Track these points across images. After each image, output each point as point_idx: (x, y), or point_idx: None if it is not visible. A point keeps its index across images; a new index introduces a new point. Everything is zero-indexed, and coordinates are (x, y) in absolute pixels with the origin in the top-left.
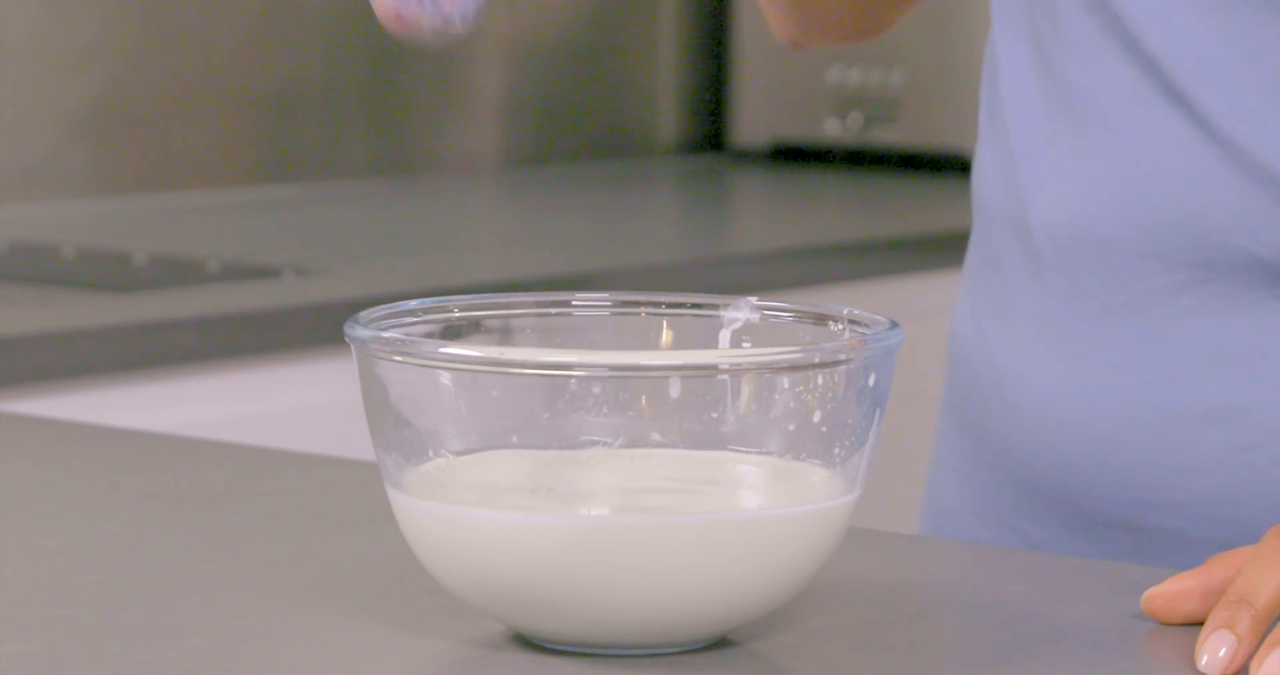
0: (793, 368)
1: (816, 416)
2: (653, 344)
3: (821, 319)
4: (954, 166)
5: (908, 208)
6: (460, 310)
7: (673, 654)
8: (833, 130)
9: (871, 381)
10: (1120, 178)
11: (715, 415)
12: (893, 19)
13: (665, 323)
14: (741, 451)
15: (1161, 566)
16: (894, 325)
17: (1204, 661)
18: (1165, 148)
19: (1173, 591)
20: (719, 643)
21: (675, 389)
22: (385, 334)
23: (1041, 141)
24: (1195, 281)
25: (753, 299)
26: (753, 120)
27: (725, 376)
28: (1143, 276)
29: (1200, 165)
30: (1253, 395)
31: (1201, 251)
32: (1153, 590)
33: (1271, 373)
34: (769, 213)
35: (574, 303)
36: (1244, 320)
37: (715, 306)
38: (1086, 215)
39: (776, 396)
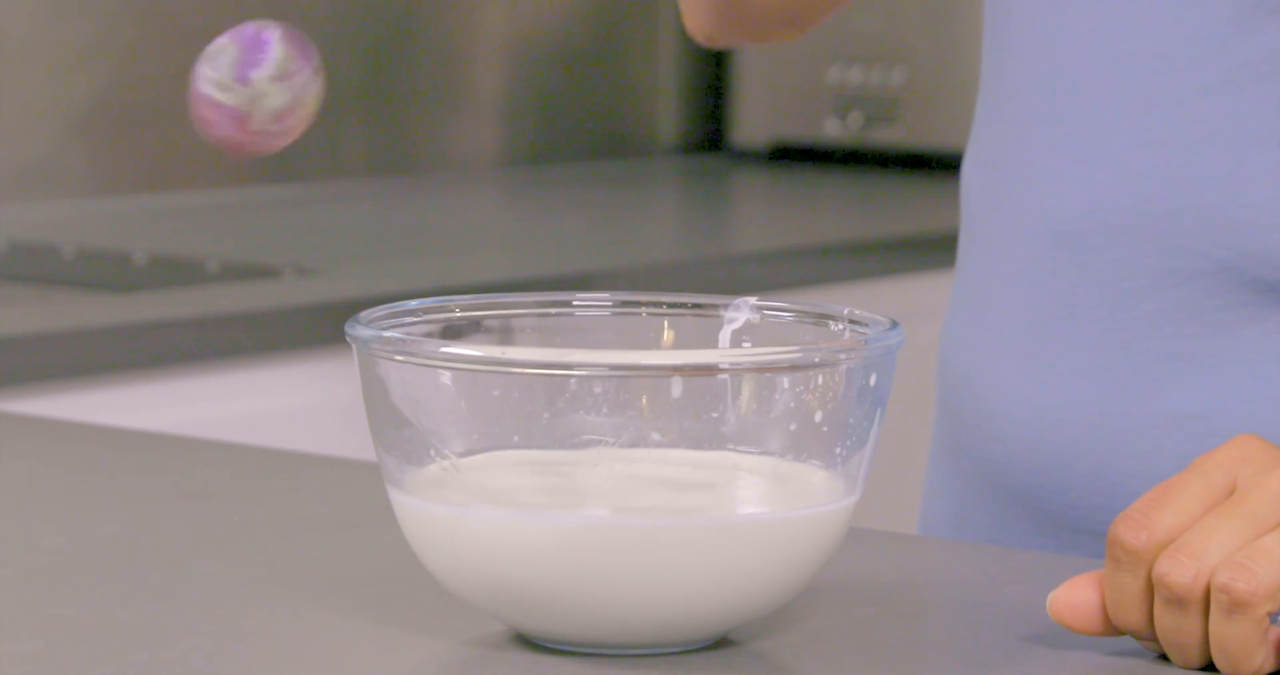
0: (793, 367)
1: (817, 416)
2: (653, 344)
3: (822, 318)
4: (954, 166)
5: (908, 208)
6: (461, 310)
7: (673, 654)
8: (833, 130)
9: (872, 381)
10: (1087, 180)
11: (716, 415)
12: (818, 18)
13: (666, 323)
14: (742, 451)
15: None
16: (894, 325)
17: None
18: (1134, 149)
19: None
20: (719, 643)
21: (676, 389)
22: (386, 334)
23: (1013, 145)
24: (1158, 286)
25: (752, 299)
26: (753, 120)
27: (725, 376)
28: (1107, 280)
29: (1169, 168)
30: (1213, 403)
31: (1166, 255)
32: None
33: (1231, 381)
34: (769, 213)
35: (575, 303)
36: (1205, 328)
37: (715, 306)
38: (1053, 218)
39: (777, 396)
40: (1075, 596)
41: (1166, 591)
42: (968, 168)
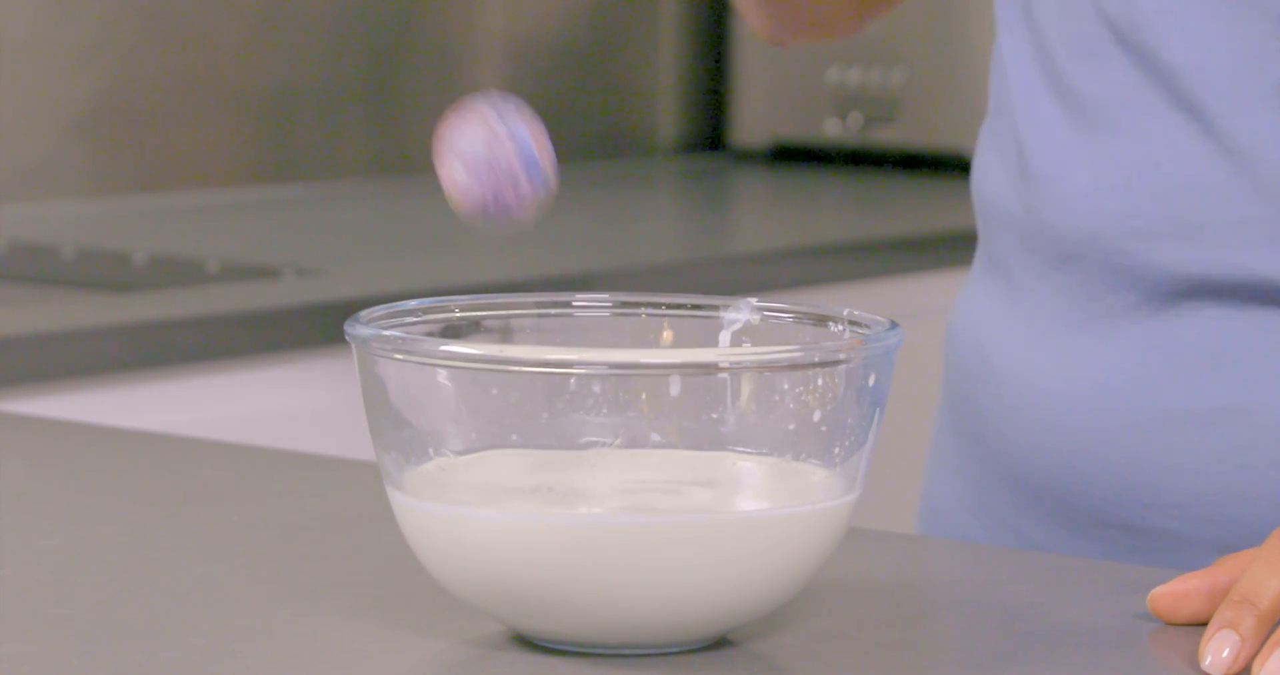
0: (793, 367)
1: (817, 416)
2: (653, 345)
3: (821, 319)
4: (954, 166)
5: (908, 208)
6: (460, 310)
7: (673, 654)
8: (833, 130)
9: (871, 381)
10: (1127, 187)
11: (715, 415)
12: (874, 16)
13: (665, 323)
14: (741, 451)
15: (1157, 567)
16: (894, 325)
17: (1208, 661)
18: (1174, 159)
19: (1178, 591)
20: (719, 643)
21: (675, 388)
22: (386, 333)
23: (1050, 146)
24: (1195, 290)
25: (753, 300)
26: (753, 120)
27: (725, 376)
28: (1143, 282)
29: (1208, 179)
30: (1249, 397)
31: (1202, 264)
32: (1159, 589)
33: (1268, 374)
34: (769, 213)
35: (574, 303)
36: (1241, 322)
37: (715, 307)
38: (1092, 222)
39: (776, 396)
40: (1178, 586)
41: None
42: (985, 162)
